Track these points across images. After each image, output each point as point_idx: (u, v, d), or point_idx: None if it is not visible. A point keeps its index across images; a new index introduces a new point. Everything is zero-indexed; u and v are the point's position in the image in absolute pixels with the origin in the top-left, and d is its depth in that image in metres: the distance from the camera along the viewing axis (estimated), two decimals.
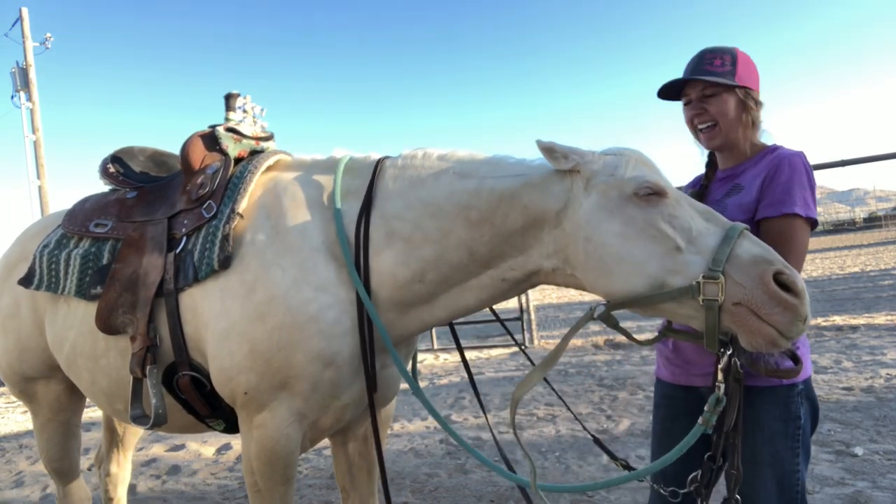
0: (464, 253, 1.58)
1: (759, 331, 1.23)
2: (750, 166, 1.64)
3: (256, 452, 1.68)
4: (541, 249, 1.52)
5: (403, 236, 1.62)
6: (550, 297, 16.63)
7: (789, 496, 1.53)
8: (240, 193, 1.78)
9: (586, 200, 1.43)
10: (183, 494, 3.71)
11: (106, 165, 2.16)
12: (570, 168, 1.47)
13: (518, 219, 1.51)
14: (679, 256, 1.31)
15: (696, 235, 1.32)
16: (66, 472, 2.40)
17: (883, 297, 10.04)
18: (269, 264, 1.65)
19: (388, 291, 1.65)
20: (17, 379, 2.23)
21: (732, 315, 1.26)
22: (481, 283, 1.62)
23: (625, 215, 1.37)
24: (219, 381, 1.68)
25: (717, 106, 1.62)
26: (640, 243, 1.34)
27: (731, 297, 1.25)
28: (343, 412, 1.76)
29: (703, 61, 1.65)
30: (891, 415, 4.00)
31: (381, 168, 1.74)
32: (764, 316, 1.22)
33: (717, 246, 1.29)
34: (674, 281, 1.30)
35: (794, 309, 1.21)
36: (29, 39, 14.82)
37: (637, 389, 5.33)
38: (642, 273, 1.33)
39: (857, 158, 6.35)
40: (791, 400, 1.54)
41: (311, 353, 1.59)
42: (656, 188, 1.37)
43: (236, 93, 2.09)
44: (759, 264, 1.25)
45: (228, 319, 1.63)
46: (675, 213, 1.36)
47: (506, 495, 3.27)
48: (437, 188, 1.62)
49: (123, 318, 1.77)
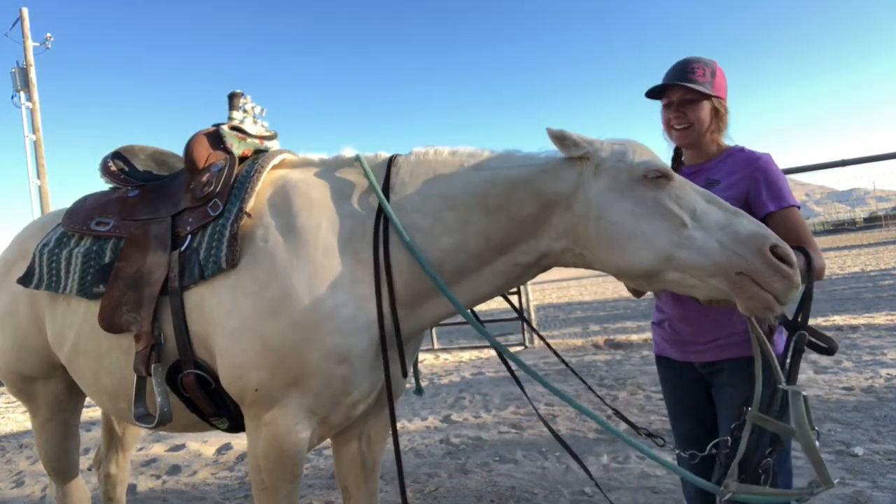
0: (481, 241, 1.65)
1: (758, 296, 1.37)
2: (717, 163, 1.86)
3: (265, 450, 1.68)
4: (551, 232, 1.62)
5: (423, 228, 1.68)
6: (550, 297, 16.65)
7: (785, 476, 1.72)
8: (247, 192, 1.79)
9: (596, 183, 1.55)
10: (183, 494, 3.71)
11: (107, 163, 2.15)
12: (580, 155, 1.58)
13: (532, 203, 1.61)
14: (685, 231, 1.45)
15: (700, 214, 1.46)
16: (65, 471, 2.39)
17: (883, 297, 10.04)
18: (283, 262, 1.65)
19: (406, 283, 1.69)
20: (16, 378, 2.23)
21: (735, 283, 1.39)
22: (495, 269, 1.69)
23: (635, 195, 1.50)
24: (229, 377, 1.67)
25: (695, 112, 1.82)
26: (650, 220, 1.47)
27: (733, 267, 1.39)
28: (353, 409, 1.76)
29: (686, 69, 1.83)
30: (891, 415, 4.01)
31: (395, 164, 1.79)
32: (763, 283, 1.36)
33: (719, 220, 1.44)
34: (680, 254, 1.44)
35: (789, 277, 1.37)
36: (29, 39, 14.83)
37: (637, 389, 5.33)
38: (652, 247, 1.46)
39: (857, 158, 6.35)
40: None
41: (325, 351, 1.60)
42: (664, 171, 1.51)
43: (240, 92, 2.09)
44: (757, 238, 1.40)
45: (240, 316, 1.64)
46: (681, 193, 1.50)
47: (506, 495, 3.27)
48: (453, 181, 1.70)
49: (127, 316, 1.76)
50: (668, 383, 2.03)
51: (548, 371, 6.57)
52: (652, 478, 3.32)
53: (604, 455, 3.75)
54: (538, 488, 3.33)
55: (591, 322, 10.61)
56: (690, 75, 1.80)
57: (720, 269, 1.41)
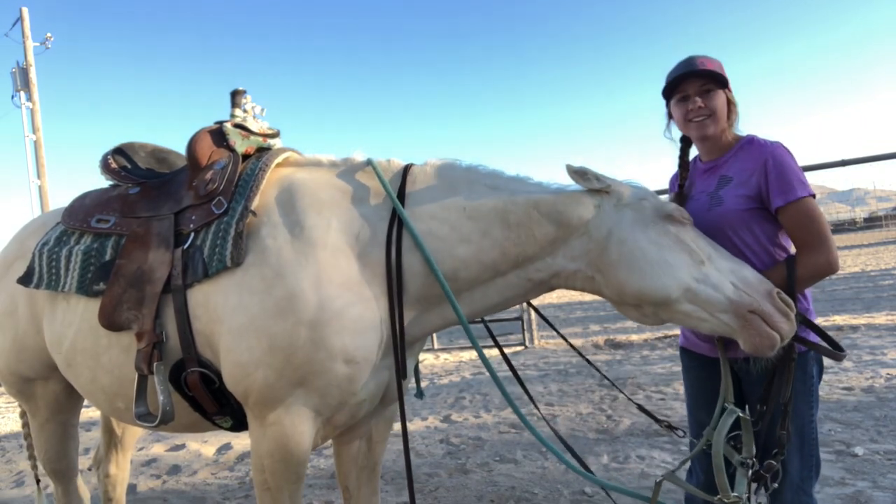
0: (497, 253, 1.71)
1: (767, 335, 1.50)
2: (731, 156, 1.84)
3: (269, 450, 1.68)
4: (567, 252, 1.70)
5: (440, 236, 1.72)
6: (551, 296, 16.64)
7: (808, 443, 1.76)
8: (252, 191, 1.79)
9: (618, 214, 1.66)
10: (183, 494, 3.70)
11: (108, 160, 2.13)
12: (601, 188, 1.69)
13: (552, 224, 1.69)
14: (703, 268, 1.58)
15: (713, 257, 1.61)
16: (64, 472, 2.38)
17: (883, 296, 10.04)
18: (291, 261, 1.65)
19: (416, 288, 1.71)
20: (15, 379, 2.21)
21: (746, 321, 1.52)
22: (507, 281, 1.75)
23: (658, 228, 1.63)
24: (234, 376, 1.67)
25: (713, 100, 1.80)
26: (673, 252, 1.60)
27: (746, 305, 1.53)
28: (358, 409, 1.77)
29: (695, 61, 1.82)
30: (891, 415, 4.00)
31: (411, 173, 1.83)
32: (772, 324, 1.51)
33: (729, 266, 1.58)
34: (698, 288, 1.56)
35: (791, 319, 1.53)
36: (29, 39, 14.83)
37: (637, 389, 5.33)
38: (674, 276, 1.57)
39: (857, 158, 6.35)
40: (807, 364, 1.76)
41: (332, 350, 1.60)
42: (686, 216, 1.67)
43: (242, 89, 2.09)
44: (765, 284, 1.56)
45: (247, 315, 1.63)
46: (697, 237, 1.64)
47: (506, 495, 3.27)
48: (472, 194, 1.75)
49: (128, 314, 1.76)
50: (691, 373, 2.02)
51: (548, 371, 6.57)
52: (652, 478, 3.31)
53: (604, 455, 3.75)
54: (538, 488, 3.32)
55: (591, 322, 10.61)
56: (701, 66, 1.80)
57: (733, 305, 1.53)
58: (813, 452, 1.77)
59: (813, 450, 1.77)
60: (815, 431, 1.79)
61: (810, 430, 1.77)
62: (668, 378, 5.62)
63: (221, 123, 2.00)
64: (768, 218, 1.75)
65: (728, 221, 1.76)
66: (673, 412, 4.51)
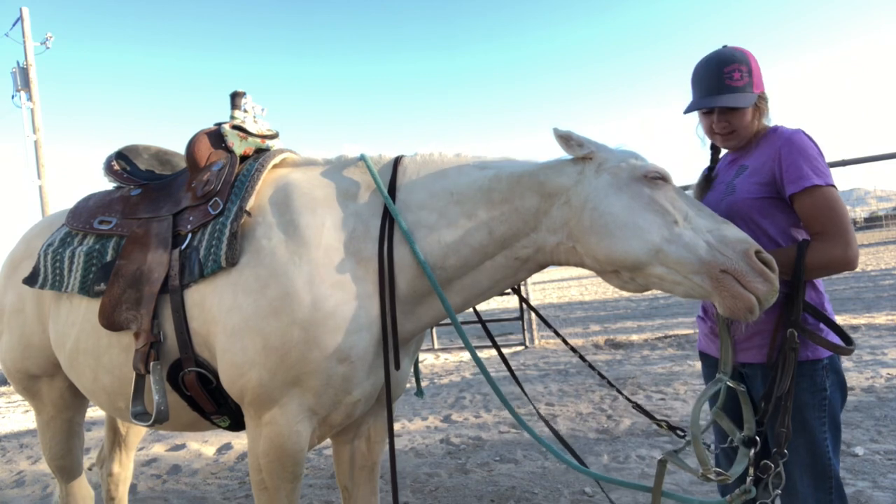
0: (484, 233, 1.70)
1: (741, 296, 1.42)
2: (753, 147, 1.78)
3: (265, 450, 1.68)
4: (549, 224, 1.67)
5: (428, 224, 1.72)
6: (551, 297, 16.65)
7: (821, 462, 1.63)
8: (247, 191, 1.80)
9: (596, 180, 1.62)
10: (183, 494, 3.71)
11: (111, 163, 2.17)
12: (584, 155, 1.66)
13: (534, 195, 1.68)
14: (675, 229, 1.51)
15: (690, 217, 1.54)
16: (69, 470, 2.40)
17: (883, 296, 10.03)
18: (285, 261, 1.66)
19: (407, 281, 1.71)
20: (21, 376, 2.24)
21: (719, 281, 1.44)
22: (496, 263, 1.73)
23: (632, 191, 1.58)
24: (229, 375, 1.68)
25: (739, 119, 1.73)
26: (645, 213, 1.54)
27: (718, 264, 1.45)
28: (354, 408, 1.77)
29: (722, 75, 1.71)
30: (891, 415, 4.00)
31: (401, 165, 1.83)
32: (746, 284, 1.42)
33: (707, 225, 1.51)
34: (668, 248, 1.49)
35: (771, 281, 1.43)
36: (29, 39, 14.82)
37: (637, 389, 5.33)
38: (643, 238, 1.52)
39: (858, 158, 6.34)
40: (816, 373, 1.65)
41: (327, 350, 1.61)
42: (664, 174, 1.60)
43: (242, 91, 2.10)
44: (742, 243, 1.46)
45: (241, 315, 1.64)
46: (675, 197, 1.58)
47: (506, 495, 3.27)
48: (460, 178, 1.76)
49: (127, 314, 1.77)
50: (706, 379, 1.98)
51: (548, 371, 6.57)
52: (652, 478, 3.31)
53: (604, 455, 3.75)
54: (538, 488, 3.33)
55: (591, 322, 10.61)
56: (728, 81, 1.69)
57: (705, 266, 1.46)
58: (829, 473, 1.61)
59: (828, 470, 1.61)
60: (830, 451, 1.62)
61: (822, 448, 1.62)
62: (669, 378, 5.62)
63: (220, 125, 2.02)
64: (784, 208, 1.68)
65: (739, 210, 1.70)
66: (673, 412, 4.51)
